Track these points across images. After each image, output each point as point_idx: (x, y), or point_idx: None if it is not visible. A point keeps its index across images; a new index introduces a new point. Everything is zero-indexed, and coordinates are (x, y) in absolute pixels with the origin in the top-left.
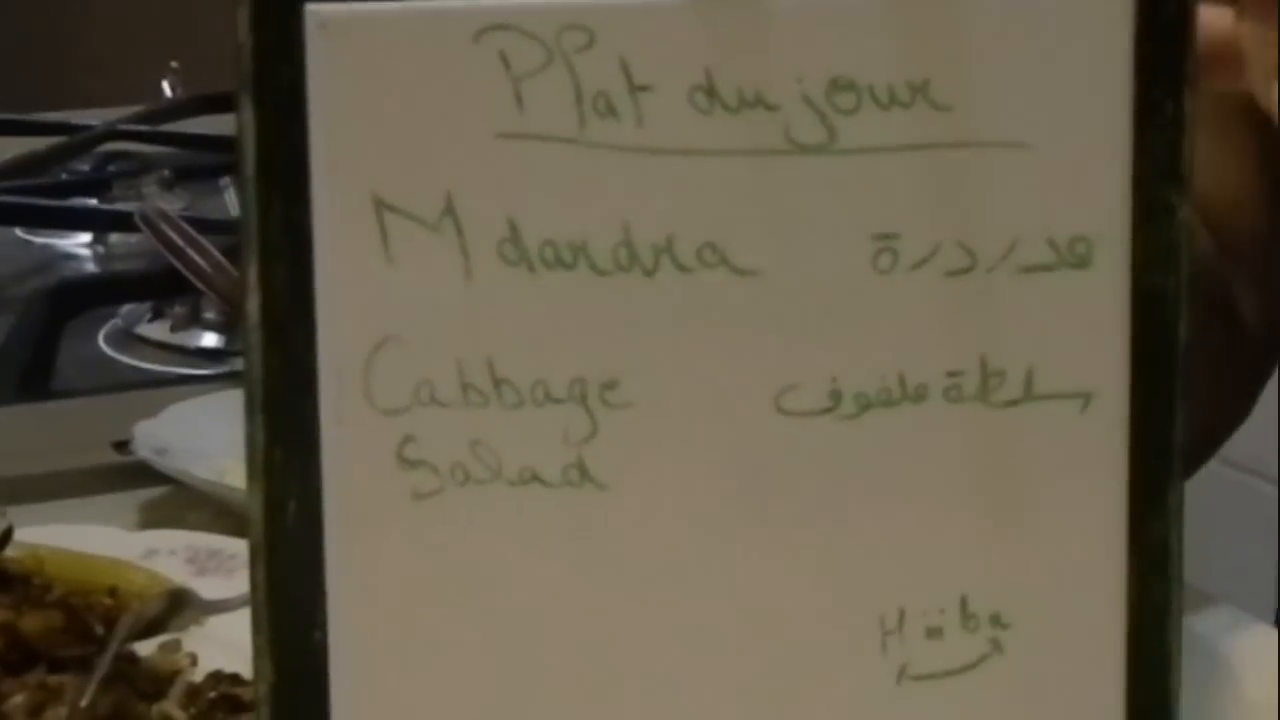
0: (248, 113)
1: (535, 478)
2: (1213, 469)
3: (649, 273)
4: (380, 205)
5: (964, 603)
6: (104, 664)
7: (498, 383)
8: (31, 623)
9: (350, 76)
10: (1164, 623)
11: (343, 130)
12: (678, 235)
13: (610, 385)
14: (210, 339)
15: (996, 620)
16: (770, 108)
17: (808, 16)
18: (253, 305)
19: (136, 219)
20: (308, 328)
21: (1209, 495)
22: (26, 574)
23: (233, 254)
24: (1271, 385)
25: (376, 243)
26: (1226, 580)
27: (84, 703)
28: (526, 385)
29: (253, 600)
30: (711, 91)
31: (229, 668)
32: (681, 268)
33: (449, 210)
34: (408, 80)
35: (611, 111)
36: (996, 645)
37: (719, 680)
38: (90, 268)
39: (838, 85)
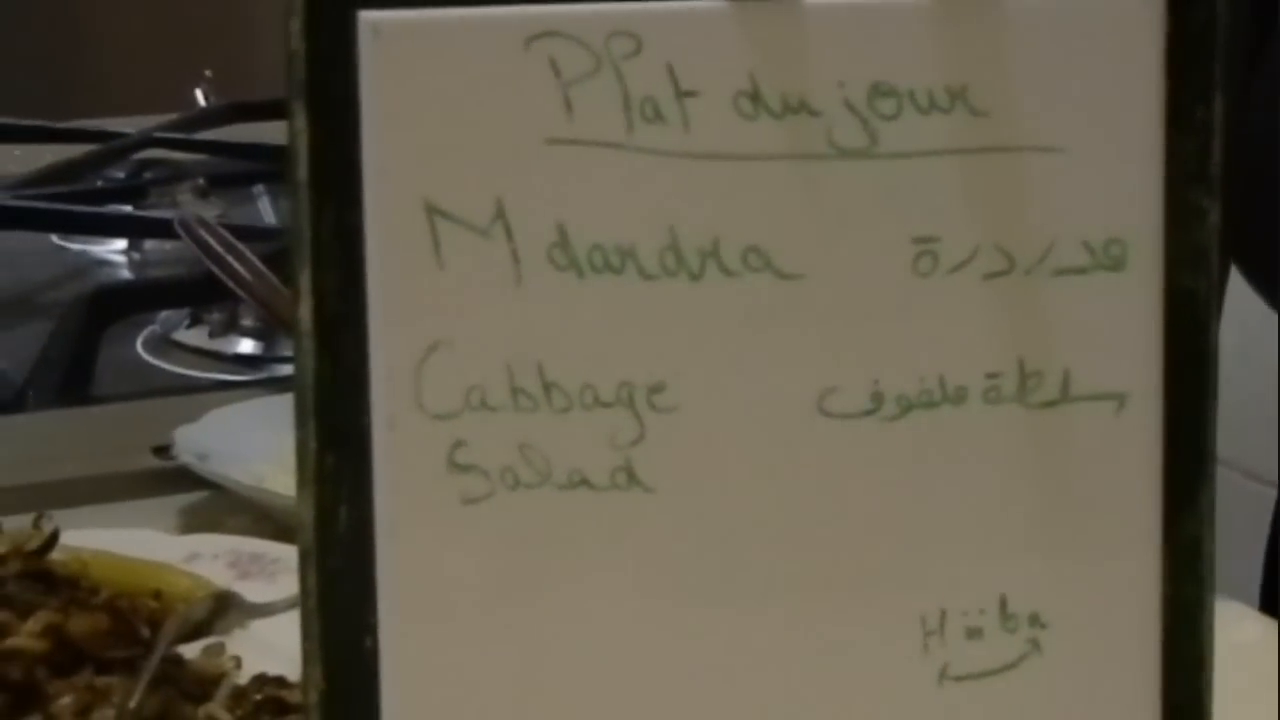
0: (300, 120)
1: (583, 481)
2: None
3: (695, 277)
4: (432, 211)
5: (1004, 603)
6: (151, 666)
7: (547, 387)
8: (79, 625)
9: (402, 82)
10: (1197, 620)
11: (395, 136)
12: (723, 239)
13: (657, 389)
14: (248, 345)
15: (1035, 620)
16: (813, 113)
17: (849, 23)
18: (304, 311)
19: (175, 225)
20: (359, 333)
21: None
22: (73, 577)
23: (269, 261)
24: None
25: (428, 248)
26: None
27: (132, 704)
28: (575, 389)
29: (303, 606)
30: (756, 97)
31: (273, 671)
32: (727, 271)
33: (499, 215)
34: (459, 86)
35: (659, 117)
36: (1035, 645)
37: (764, 679)
38: (125, 274)
39: (879, 91)
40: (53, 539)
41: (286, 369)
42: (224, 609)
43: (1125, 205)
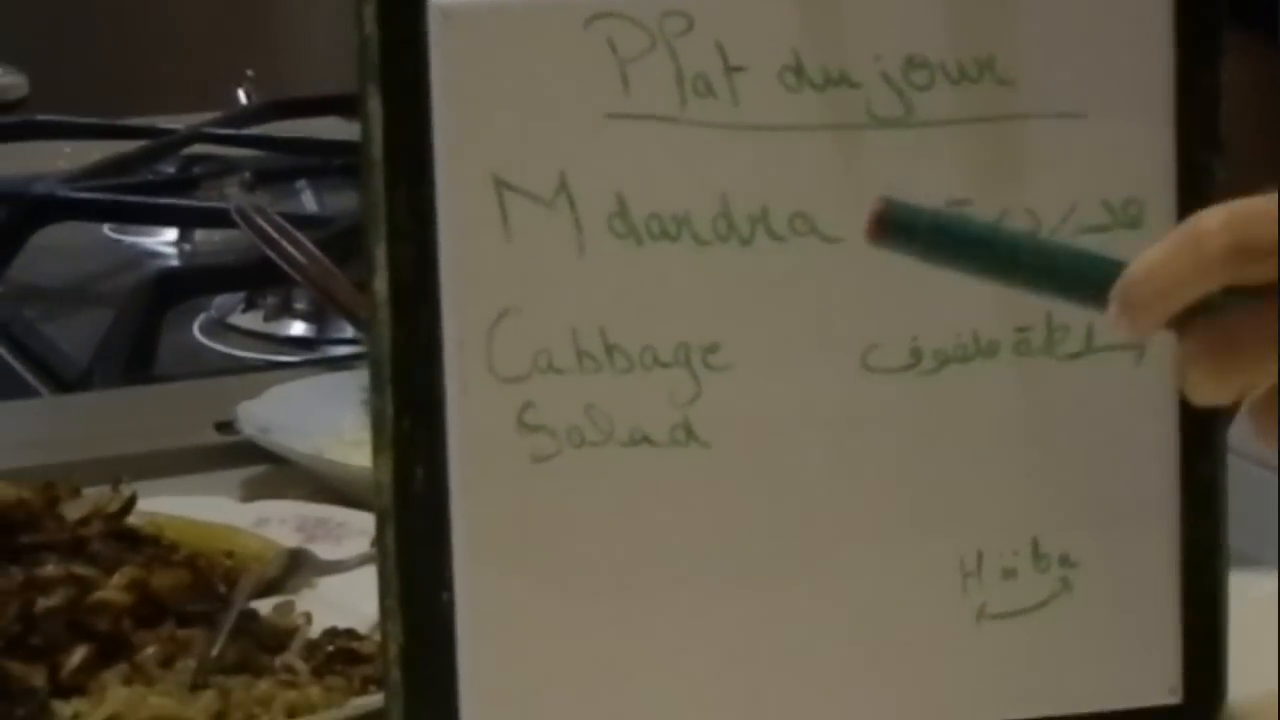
0: (374, 101)
1: (645, 438)
2: None
3: (746, 242)
4: (500, 185)
5: (1036, 544)
6: (230, 618)
7: (610, 349)
8: (161, 579)
9: (470, 64)
10: (1213, 555)
11: (464, 115)
12: (771, 206)
13: (712, 349)
14: (300, 328)
15: (1065, 560)
16: (853, 85)
17: (885, 1)
18: (380, 283)
19: (232, 213)
20: (432, 302)
21: None
22: (153, 536)
23: (320, 248)
24: None
25: (496, 220)
26: None
27: (214, 653)
28: (636, 351)
29: (381, 565)
30: (800, 71)
31: (340, 626)
32: (775, 236)
33: (563, 187)
34: (523, 66)
35: (709, 91)
36: (1065, 583)
37: (813, 620)
38: (176, 264)
39: (913, 63)
40: (131, 501)
41: (339, 350)
42: (296, 566)
43: (1141, 167)
